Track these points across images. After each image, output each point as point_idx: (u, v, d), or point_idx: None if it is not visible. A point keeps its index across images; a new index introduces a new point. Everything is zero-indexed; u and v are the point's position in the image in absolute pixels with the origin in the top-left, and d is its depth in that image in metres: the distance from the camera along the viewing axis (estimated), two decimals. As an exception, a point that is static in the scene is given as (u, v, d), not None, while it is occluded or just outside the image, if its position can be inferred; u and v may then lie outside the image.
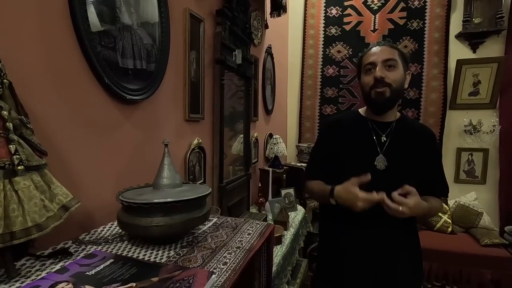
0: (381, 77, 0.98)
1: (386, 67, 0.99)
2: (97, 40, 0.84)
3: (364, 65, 1.04)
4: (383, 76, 0.98)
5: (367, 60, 1.02)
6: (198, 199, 0.70)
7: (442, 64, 2.81)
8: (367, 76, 1.03)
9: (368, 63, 1.02)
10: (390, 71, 0.99)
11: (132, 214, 0.67)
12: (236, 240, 0.76)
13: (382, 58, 0.99)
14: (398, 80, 1.00)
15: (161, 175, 0.74)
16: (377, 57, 1.00)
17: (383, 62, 0.99)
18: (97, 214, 0.87)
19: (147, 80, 1.06)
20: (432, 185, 1.07)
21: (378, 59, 0.99)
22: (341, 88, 3.12)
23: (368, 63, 1.02)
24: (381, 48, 1.02)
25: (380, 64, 0.99)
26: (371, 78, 1.01)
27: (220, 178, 1.60)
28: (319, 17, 3.16)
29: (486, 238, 2.37)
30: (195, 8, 1.36)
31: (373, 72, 1.00)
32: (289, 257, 1.63)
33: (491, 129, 2.70)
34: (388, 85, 0.98)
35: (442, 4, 2.79)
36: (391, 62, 0.99)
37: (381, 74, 0.98)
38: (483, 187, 2.79)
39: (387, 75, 0.98)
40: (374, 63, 1.00)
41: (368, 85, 1.02)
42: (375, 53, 1.01)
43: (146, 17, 1.06)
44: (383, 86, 0.98)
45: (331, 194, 1.01)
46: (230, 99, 1.81)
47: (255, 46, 2.22)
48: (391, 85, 0.98)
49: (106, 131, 0.91)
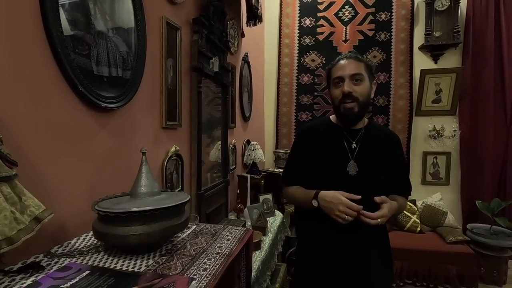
0: (349, 92, 1.04)
1: (353, 81, 1.06)
2: (71, 47, 0.83)
3: (332, 78, 1.11)
4: (350, 90, 1.04)
5: (336, 74, 1.09)
6: (177, 206, 0.70)
7: (407, 74, 3.01)
8: (336, 90, 1.09)
9: (336, 77, 1.08)
10: (357, 85, 1.06)
11: (108, 223, 0.66)
12: (216, 246, 0.77)
13: (349, 72, 1.06)
14: (365, 93, 1.07)
15: (139, 184, 0.74)
16: (344, 72, 1.06)
17: (351, 76, 1.05)
18: (71, 226, 0.84)
19: (123, 88, 1.04)
20: (398, 185, 1.15)
21: (346, 74, 1.06)
22: (316, 95, 3.23)
23: (336, 77, 1.08)
24: (348, 61, 1.08)
25: (347, 79, 1.05)
26: (339, 92, 1.07)
27: (198, 185, 1.60)
28: (293, 27, 3.27)
29: (451, 235, 2.53)
30: (171, 16, 1.37)
31: (341, 86, 1.06)
32: (268, 262, 1.65)
33: (452, 134, 2.91)
34: (356, 99, 1.05)
35: (406, 18, 3.00)
36: (358, 77, 1.06)
37: (349, 89, 1.04)
38: (447, 188, 2.99)
39: (355, 89, 1.05)
40: (342, 77, 1.06)
41: (337, 98, 1.08)
42: (343, 67, 1.07)
43: (122, 24, 1.05)
44: (351, 100, 1.05)
45: (315, 196, 1.04)
46: (207, 106, 1.82)
47: (232, 54, 2.26)
48: (358, 99, 1.05)
49: (81, 140, 0.89)
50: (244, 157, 2.52)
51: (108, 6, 0.98)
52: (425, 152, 3.02)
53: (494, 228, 2.58)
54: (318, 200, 1.03)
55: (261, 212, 1.89)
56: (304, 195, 1.11)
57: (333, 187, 1.08)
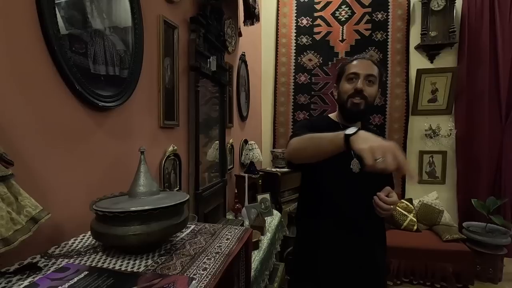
0: (361, 89, 1.05)
1: (367, 81, 1.06)
2: (67, 45, 0.82)
3: (347, 73, 1.10)
4: (363, 89, 1.05)
5: (352, 70, 1.09)
6: (176, 206, 0.69)
7: (404, 73, 3.02)
8: (348, 84, 1.09)
9: (352, 73, 1.08)
10: (369, 86, 1.07)
11: (107, 223, 0.65)
12: (215, 245, 0.76)
13: (366, 72, 1.06)
14: (374, 95, 1.08)
15: (138, 183, 0.73)
16: (361, 70, 1.07)
17: (366, 76, 1.06)
18: (68, 226, 0.83)
19: (120, 87, 1.04)
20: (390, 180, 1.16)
21: (362, 72, 1.06)
22: (313, 95, 3.24)
23: (352, 72, 1.08)
24: (366, 62, 1.09)
25: (362, 77, 1.06)
26: (351, 87, 1.07)
27: (196, 185, 1.59)
28: (290, 27, 3.27)
29: (447, 234, 2.56)
30: (169, 15, 1.36)
31: (355, 82, 1.07)
32: (267, 261, 1.65)
33: (448, 133, 2.94)
34: (365, 98, 1.06)
35: (402, 18, 3.02)
36: (372, 78, 1.07)
37: (361, 87, 1.05)
38: (443, 186, 3.01)
39: (366, 89, 1.06)
40: (358, 74, 1.07)
41: (347, 93, 1.08)
42: (361, 65, 1.08)
43: (119, 23, 1.04)
44: (360, 98, 1.06)
45: (347, 136, 0.80)
46: (205, 105, 1.81)
47: (229, 54, 2.25)
48: (367, 98, 1.06)
49: (78, 139, 0.88)
50: (242, 156, 2.52)
51: (104, 4, 0.97)
52: (421, 151, 3.04)
53: (489, 226, 2.61)
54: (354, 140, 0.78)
55: (259, 212, 1.88)
56: (325, 135, 0.86)
57: (337, 184, 1.09)
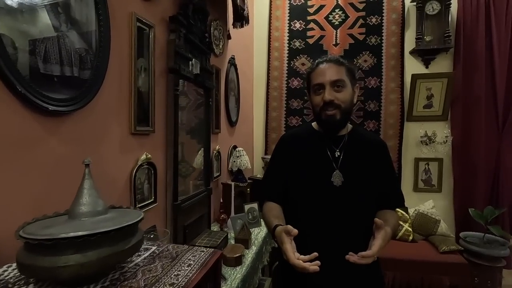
0: (331, 100, 0.96)
1: (334, 88, 0.97)
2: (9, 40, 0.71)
3: (312, 84, 1.01)
4: (332, 98, 0.96)
5: (315, 80, 1.00)
6: (122, 229, 0.58)
7: (399, 78, 2.94)
8: (317, 97, 1.00)
9: (316, 84, 0.99)
10: (339, 92, 0.97)
11: (33, 253, 0.54)
12: (172, 274, 0.65)
13: (330, 79, 0.96)
14: (347, 99, 0.98)
15: (79, 202, 0.62)
16: (324, 78, 0.97)
17: (331, 83, 0.96)
18: (4, 250, 0.71)
19: (79, 89, 0.93)
20: (388, 197, 1.04)
21: (327, 80, 0.97)
22: (306, 100, 3.14)
23: (316, 83, 0.99)
24: (328, 66, 0.99)
25: (328, 86, 0.96)
26: (320, 99, 0.98)
27: (174, 195, 1.48)
28: (283, 30, 3.19)
29: (444, 245, 2.45)
30: (143, 13, 1.26)
31: (322, 93, 0.97)
32: (251, 278, 1.53)
33: (444, 140, 2.85)
34: (338, 106, 0.96)
35: (397, 22, 2.95)
36: (339, 83, 0.97)
37: (330, 97, 0.96)
38: (439, 195, 2.91)
39: (336, 97, 0.96)
40: (322, 84, 0.97)
41: (318, 106, 0.99)
42: (323, 73, 0.98)
43: (80, 19, 0.94)
44: (333, 108, 0.96)
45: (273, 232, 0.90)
46: (187, 110, 1.71)
47: (217, 56, 2.16)
48: (341, 106, 0.97)
49: (21, 149, 0.77)
50: (229, 164, 2.41)
51: (61, -3, 0.87)
52: (416, 158, 2.94)
53: (487, 236, 2.50)
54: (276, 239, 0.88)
55: (244, 223, 1.77)
56: (268, 223, 0.97)
57: (318, 199, 0.99)
